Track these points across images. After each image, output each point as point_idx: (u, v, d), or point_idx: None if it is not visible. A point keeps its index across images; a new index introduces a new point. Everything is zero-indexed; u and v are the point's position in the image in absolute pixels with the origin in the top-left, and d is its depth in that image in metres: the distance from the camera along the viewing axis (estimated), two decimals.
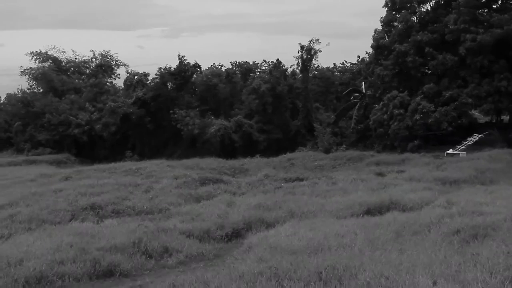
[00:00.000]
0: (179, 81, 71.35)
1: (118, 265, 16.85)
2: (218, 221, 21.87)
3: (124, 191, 29.36)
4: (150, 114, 70.38)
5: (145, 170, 40.98)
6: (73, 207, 24.72)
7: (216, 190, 29.66)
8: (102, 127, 71.10)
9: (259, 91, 66.58)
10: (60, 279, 15.66)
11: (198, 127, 66.12)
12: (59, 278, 15.70)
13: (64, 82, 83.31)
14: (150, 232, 19.62)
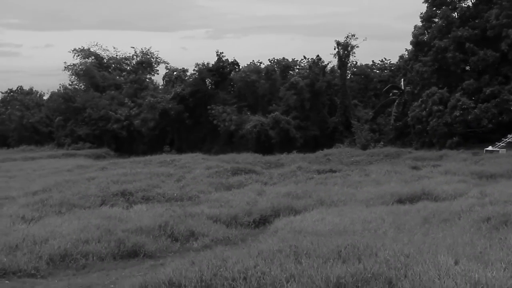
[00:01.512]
0: (217, 78, 71.48)
1: (142, 246, 16.90)
2: (247, 207, 21.82)
3: (156, 180, 29.50)
4: (188, 109, 70.62)
5: (180, 161, 41.13)
6: (104, 193, 24.89)
7: (248, 180, 29.58)
8: (141, 122, 71.59)
9: (298, 87, 66.30)
10: (84, 258, 15.77)
11: (235, 123, 66.14)
12: (83, 257, 15.81)
13: (105, 78, 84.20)
14: (177, 216, 19.64)
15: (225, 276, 11.87)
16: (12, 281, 14.00)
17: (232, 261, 12.43)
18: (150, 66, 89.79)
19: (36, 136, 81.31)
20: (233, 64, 72.73)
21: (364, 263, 11.41)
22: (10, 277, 14.24)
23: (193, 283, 11.80)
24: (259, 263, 12.13)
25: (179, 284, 11.82)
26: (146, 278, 12.43)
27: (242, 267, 12.03)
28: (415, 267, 11.00)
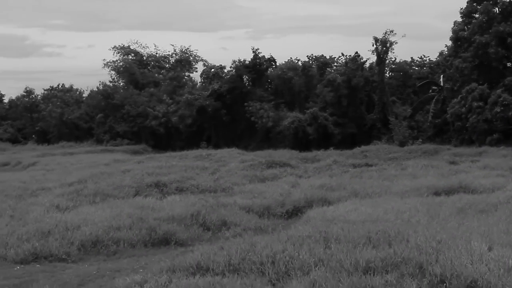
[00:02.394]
0: (254, 74, 71.41)
1: (173, 234, 16.94)
2: (280, 199, 21.74)
3: (190, 172, 29.56)
4: (225, 106, 70.65)
5: (215, 156, 41.20)
6: (138, 184, 25.01)
7: (282, 173, 29.44)
8: (178, 119, 71.87)
9: (335, 84, 65.86)
10: (115, 244, 15.85)
11: (272, 119, 65.98)
12: (114, 243, 15.89)
13: (145, 76, 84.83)
14: (209, 206, 19.65)
15: (253, 261, 11.81)
16: (43, 265, 14.13)
17: (260, 245, 12.36)
18: (188, 64, 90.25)
19: (76, 132, 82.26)
20: (269, 60, 72.53)
21: (394, 248, 11.23)
22: (42, 262, 14.38)
23: (221, 267, 11.76)
24: (287, 248, 12.04)
25: (207, 268, 11.78)
26: (174, 262, 12.41)
27: (270, 251, 11.95)
28: (447, 252, 10.78)
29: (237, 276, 11.19)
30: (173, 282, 10.87)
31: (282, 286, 10.63)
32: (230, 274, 11.30)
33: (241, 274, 11.32)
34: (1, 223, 17.34)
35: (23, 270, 13.57)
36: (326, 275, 10.26)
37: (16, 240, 15.31)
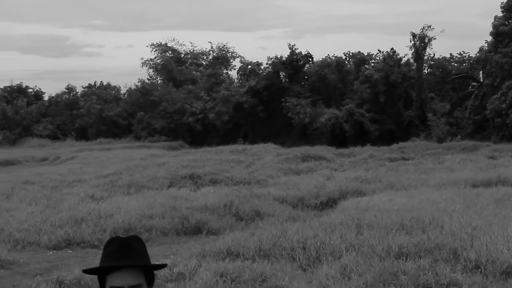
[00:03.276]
0: (290, 70, 71.19)
1: (206, 223, 16.89)
2: (314, 190, 21.57)
3: (225, 166, 29.54)
4: (262, 103, 70.53)
5: (251, 150, 41.14)
6: (172, 176, 25.05)
7: (318, 167, 29.23)
8: (215, 115, 71.97)
9: (372, 80, 65.31)
10: (147, 232, 15.86)
11: (309, 116, 65.68)
12: (146, 231, 15.90)
13: (182, 73, 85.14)
14: (243, 197, 19.57)
15: (284, 246, 11.71)
16: (75, 251, 14.20)
17: (291, 231, 12.24)
18: (226, 61, 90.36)
19: (114, 129, 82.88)
20: (306, 56, 72.24)
21: (428, 234, 11.01)
22: (74, 247, 14.45)
23: (251, 252, 11.67)
24: (319, 234, 11.91)
25: (237, 253, 11.71)
26: (205, 248, 12.35)
27: (301, 237, 11.83)
28: (482, 238, 10.54)
29: (268, 261, 11.08)
30: (203, 266, 10.79)
31: (312, 271, 10.48)
32: (260, 259, 11.20)
33: (272, 260, 11.21)
34: (36, 211, 17.49)
35: (55, 255, 13.65)
36: (358, 260, 10.11)
37: (49, 226, 15.43)
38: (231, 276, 10.12)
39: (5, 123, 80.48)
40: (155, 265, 3.05)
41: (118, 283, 2.88)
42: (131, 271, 2.89)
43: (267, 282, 10.05)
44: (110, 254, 2.92)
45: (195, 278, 10.17)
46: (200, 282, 9.79)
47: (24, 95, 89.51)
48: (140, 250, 2.96)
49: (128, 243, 2.96)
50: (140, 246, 2.98)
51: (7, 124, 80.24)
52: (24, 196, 20.91)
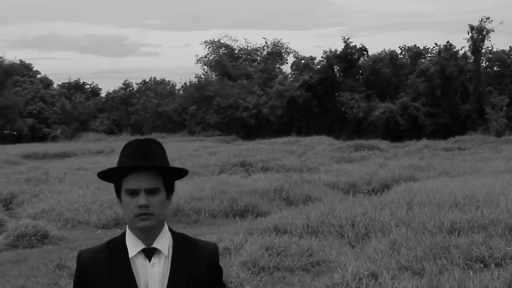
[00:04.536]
0: (345, 64, 70.51)
1: (255, 207, 16.72)
2: (366, 177, 21.23)
3: (277, 154, 29.34)
4: (316, 97, 70.04)
5: (304, 142, 40.88)
6: (223, 163, 24.98)
7: (371, 156, 28.80)
8: (269, 110, 71.86)
9: (427, 74, 64.22)
10: (196, 213, 15.81)
11: (363, 110, 64.99)
12: (195, 212, 15.84)
13: (236, 68, 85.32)
14: (293, 182, 19.32)
15: (332, 223, 11.49)
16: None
17: (340, 209, 11.99)
18: (280, 56, 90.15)
19: (169, 124, 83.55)
20: (361, 50, 71.47)
21: (482, 210, 10.62)
22: (123, 227, 14.39)
23: (299, 229, 11.47)
24: (368, 211, 11.62)
25: (285, 231, 11.53)
26: (252, 225, 12.21)
27: (350, 214, 11.58)
28: None
29: (315, 238, 10.87)
30: (249, 241, 10.64)
31: (361, 247, 10.22)
32: (307, 236, 10.99)
33: (319, 237, 11.00)
34: (87, 193, 17.61)
35: (104, 234, 13.68)
36: (408, 235, 9.80)
37: (99, 206, 15.53)
38: (277, 250, 9.94)
39: (63, 118, 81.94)
40: (174, 168, 2.85)
41: (134, 185, 2.70)
42: (148, 173, 2.71)
43: (314, 257, 9.85)
44: (126, 156, 2.75)
45: (241, 251, 10.01)
46: (245, 255, 9.63)
47: (82, 91, 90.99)
48: (159, 153, 2.78)
49: (146, 144, 2.79)
50: (158, 149, 2.80)
51: (65, 119, 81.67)
52: (76, 180, 21.17)
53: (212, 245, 2.96)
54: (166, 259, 2.75)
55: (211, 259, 2.87)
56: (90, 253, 2.83)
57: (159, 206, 2.72)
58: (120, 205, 2.83)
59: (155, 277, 2.71)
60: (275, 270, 9.40)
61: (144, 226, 2.70)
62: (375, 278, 7.87)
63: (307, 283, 8.76)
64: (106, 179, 2.88)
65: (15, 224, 13.20)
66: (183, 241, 2.85)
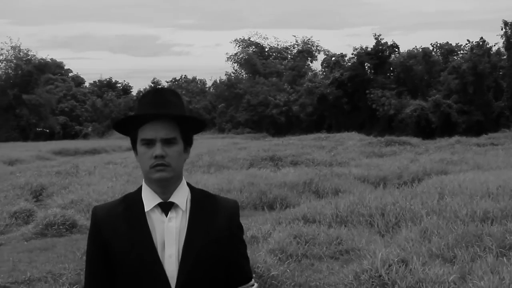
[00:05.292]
0: (375, 61, 69.97)
1: (284, 199, 16.57)
2: (397, 171, 20.95)
3: (307, 149, 29.18)
4: (346, 94, 69.66)
5: (334, 138, 40.64)
6: (253, 157, 24.89)
7: (402, 151, 28.48)
8: (299, 107, 71.69)
9: (459, 70, 63.45)
10: None
11: (394, 107, 64.48)
12: None
13: (266, 66, 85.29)
14: (323, 175, 19.15)
15: (361, 213, 11.34)
16: None
17: (370, 198, 11.82)
18: (310, 54, 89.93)
19: None
20: (392, 47, 70.84)
21: None
22: None
23: (328, 219, 11.33)
24: (398, 201, 11.43)
25: (314, 220, 11.40)
26: (280, 215, 12.10)
27: (380, 203, 11.40)
28: None
29: (344, 227, 10.72)
30: (277, 230, 10.52)
31: (391, 237, 10.04)
32: (336, 226, 10.85)
33: (349, 226, 10.84)
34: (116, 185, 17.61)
35: None
36: (439, 223, 9.60)
37: None
38: (305, 238, 9.81)
39: (95, 116, 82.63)
40: (192, 117, 2.72)
41: (150, 135, 2.58)
42: (165, 123, 2.59)
43: (343, 245, 9.70)
44: (143, 105, 2.64)
45: (268, 239, 9.90)
46: (273, 243, 9.52)
47: (113, 90, 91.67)
48: (176, 102, 2.66)
49: (163, 93, 2.67)
50: (176, 98, 2.68)
51: (96, 116, 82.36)
52: (106, 173, 21.26)
53: (233, 201, 2.84)
54: (184, 214, 2.64)
55: (231, 215, 2.75)
56: (105, 208, 2.74)
57: (176, 157, 2.61)
58: (136, 157, 2.72)
59: (172, 232, 2.60)
60: (303, 257, 9.28)
61: (160, 178, 2.59)
62: (405, 264, 7.71)
63: (336, 270, 8.62)
64: (122, 132, 2.77)
65: (44, 213, 13.23)
66: (202, 196, 2.74)
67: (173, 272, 2.58)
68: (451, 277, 7.27)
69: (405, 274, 7.44)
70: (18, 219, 13.94)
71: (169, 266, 2.58)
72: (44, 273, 8.93)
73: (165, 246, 2.59)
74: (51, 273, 8.88)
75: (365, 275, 7.73)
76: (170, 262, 2.58)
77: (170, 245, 2.59)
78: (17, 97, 70.55)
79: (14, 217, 13.94)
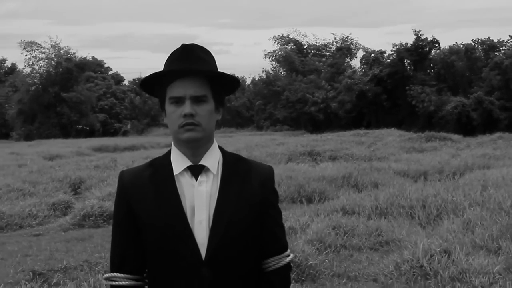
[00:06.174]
0: (415, 57, 69.08)
1: (323, 193, 16.37)
2: (438, 166, 20.58)
3: (345, 145, 28.91)
4: (386, 91, 68.95)
5: (373, 134, 40.23)
6: (291, 152, 24.70)
7: (442, 146, 28.03)
8: (337, 104, 71.19)
9: (502, 66, 62.33)
10: None
11: (434, 104, 63.58)
12: None
13: (305, 63, 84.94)
14: (362, 169, 18.90)
15: (402, 205, 11.10)
16: None
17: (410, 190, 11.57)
18: (349, 51, 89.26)
19: (238, 119, 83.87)
20: (432, 42, 69.84)
21: None
22: None
23: (367, 211, 11.12)
24: (440, 193, 11.15)
25: (353, 212, 11.20)
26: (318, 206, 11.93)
27: (421, 195, 11.14)
28: None
29: (384, 219, 10.50)
30: (315, 221, 10.34)
31: (432, 228, 9.80)
32: (376, 217, 10.63)
33: (389, 218, 10.62)
34: None
35: None
36: (482, 215, 9.32)
37: None
38: (344, 229, 9.63)
39: (134, 113, 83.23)
40: (224, 74, 2.55)
41: (178, 92, 2.42)
42: (194, 79, 2.43)
43: (383, 237, 9.50)
44: (170, 62, 2.49)
45: (307, 230, 9.73)
46: (311, 233, 9.35)
47: None
48: (206, 59, 2.50)
49: (193, 49, 2.50)
50: (207, 55, 2.52)
51: (135, 114, 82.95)
52: None
53: (268, 166, 2.68)
54: (215, 178, 2.49)
55: (265, 180, 2.60)
56: (132, 173, 2.59)
57: (206, 117, 2.45)
58: (165, 119, 2.57)
59: (202, 196, 2.45)
60: (342, 248, 9.10)
61: (189, 138, 2.43)
62: (447, 254, 7.48)
63: (375, 261, 8.42)
64: (150, 92, 2.62)
65: (82, 205, 13.26)
66: (234, 159, 2.59)
67: (203, 239, 2.43)
68: (496, 267, 7.02)
69: (447, 265, 7.21)
70: (56, 210, 14.05)
71: (199, 233, 2.43)
72: (81, 262, 8.91)
73: (195, 211, 2.44)
74: (87, 262, 8.87)
75: (406, 265, 7.54)
76: (200, 228, 2.43)
77: (200, 211, 2.44)
78: (58, 95, 71.39)
79: (53, 209, 14.05)
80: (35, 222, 13.08)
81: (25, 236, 11.87)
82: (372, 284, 7.58)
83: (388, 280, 7.54)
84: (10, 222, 12.84)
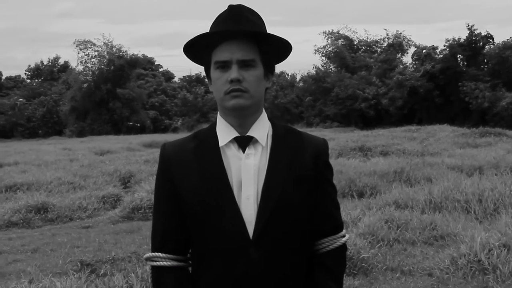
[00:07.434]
0: (468, 53, 67.77)
1: (374, 187, 16.06)
2: (493, 161, 20.05)
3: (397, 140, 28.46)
4: (438, 87, 67.84)
5: (425, 129, 39.53)
6: (341, 147, 24.41)
7: (497, 142, 27.32)
8: (388, 101, 70.36)
9: None
10: None
11: (488, 100, 62.29)
12: None
13: (356, 59, 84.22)
14: (414, 164, 18.55)
15: (457, 199, 10.76)
16: None
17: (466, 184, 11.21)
18: (400, 46, 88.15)
19: (287, 115, 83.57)
20: (486, 37, 68.43)
21: None
22: None
23: (420, 204, 10.82)
24: (497, 187, 10.78)
25: (406, 206, 10.91)
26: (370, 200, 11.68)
27: (477, 189, 10.77)
28: None
29: (438, 213, 10.19)
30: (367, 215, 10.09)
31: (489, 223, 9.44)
32: (430, 211, 10.32)
33: (443, 212, 10.29)
34: None
35: None
36: None
37: None
38: (397, 223, 9.35)
39: (184, 110, 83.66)
40: (274, 36, 2.35)
41: (224, 56, 2.24)
42: (242, 42, 2.25)
43: (438, 231, 9.19)
44: (216, 24, 2.31)
45: (358, 224, 9.49)
46: (363, 227, 9.10)
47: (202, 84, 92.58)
48: (255, 21, 2.31)
49: (241, 9, 2.31)
50: (256, 18, 2.33)
51: (186, 110, 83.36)
52: None
53: (322, 139, 2.47)
54: (264, 150, 2.30)
55: (319, 153, 2.38)
56: (175, 145, 2.42)
57: (254, 83, 2.25)
58: (211, 87, 2.38)
59: (249, 169, 2.26)
60: (395, 242, 8.83)
61: (235, 105, 2.24)
62: (507, 249, 7.16)
63: (430, 255, 8.14)
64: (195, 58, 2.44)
65: (131, 198, 13.25)
66: (285, 131, 2.39)
67: (251, 216, 2.24)
68: None
69: (507, 259, 6.90)
70: (106, 203, 14.11)
71: (246, 209, 2.24)
72: (129, 254, 8.85)
73: (242, 186, 2.25)
74: (135, 253, 8.80)
75: (463, 259, 7.25)
76: (248, 204, 2.24)
77: (248, 185, 2.25)
78: (110, 92, 72.19)
79: (102, 202, 14.12)
80: (85, 215, 13.15)
81: (74, 228, 11.93)
82: (427, 279, 7.31)
83: (444, 274, 7.26)
84: (60, 215, 12.94)
